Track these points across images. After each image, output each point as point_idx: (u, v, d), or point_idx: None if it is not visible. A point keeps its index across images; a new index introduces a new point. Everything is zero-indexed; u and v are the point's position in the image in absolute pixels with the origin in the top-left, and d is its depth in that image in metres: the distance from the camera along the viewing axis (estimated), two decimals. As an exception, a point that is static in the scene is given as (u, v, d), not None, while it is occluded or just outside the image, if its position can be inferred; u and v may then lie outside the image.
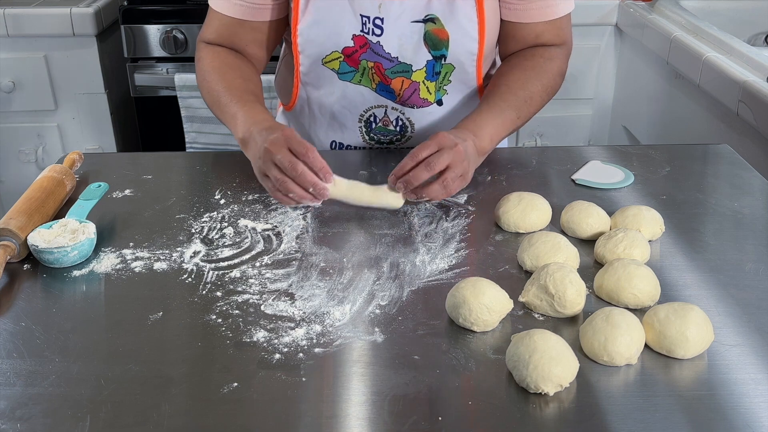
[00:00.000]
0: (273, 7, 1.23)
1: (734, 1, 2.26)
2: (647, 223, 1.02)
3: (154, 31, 2.28)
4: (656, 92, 2.17)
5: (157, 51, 2.31)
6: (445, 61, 1.21)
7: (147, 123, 2.43)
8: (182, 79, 2.21)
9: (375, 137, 1.33)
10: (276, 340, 0.83)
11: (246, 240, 1.03)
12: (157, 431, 0.71)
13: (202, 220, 1.08)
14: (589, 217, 1.03)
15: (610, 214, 1.06)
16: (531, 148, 1.37)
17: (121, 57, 2.35)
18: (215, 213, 1.10)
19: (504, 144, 1.42)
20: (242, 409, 0.73)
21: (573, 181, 1.20)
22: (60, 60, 2.30)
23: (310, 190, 1.00)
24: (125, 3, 2.31)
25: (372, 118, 1.30)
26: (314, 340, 0.83)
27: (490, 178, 1.20)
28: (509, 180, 1.20)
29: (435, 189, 1.02)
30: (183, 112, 2.25)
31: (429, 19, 1.18)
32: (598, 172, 1.22)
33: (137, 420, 0.72)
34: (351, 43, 1.20)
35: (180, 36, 2.28)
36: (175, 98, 2.25)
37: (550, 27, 1.25)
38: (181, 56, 2.31)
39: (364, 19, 1.18)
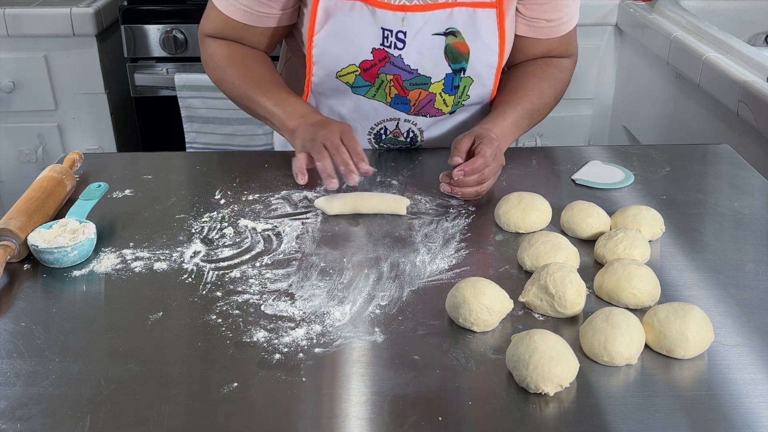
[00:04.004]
0: (281, 16, 1.21)
1: (734, 1, 2.26)
2: (647, 223, 1.02)
3: (154, 31, 2.28)
4: (656, 92, 2.17)
5: (157, 51, 2.31)
6: (464, 74, 1.20)
7: (147, 123, 2.43)
8: (182, 79, 2.21)
9: (384, 146, 1.33)
10: (276, 340, 0.83)
11: (246, 240, 1.03)
12: (157, 431, 0.71)
13: (202, 220, 1.08)
14: (589, 217, 1.03)
15: (610, 214, 1.06)
16: (531, 148, 1.37)
17: (121, 57, 2.35)
18: (215, 213, 1.10)
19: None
20: (242, 409, 0.73)
21: (573, 181, 1.20)
22: (60, 60, 2.30)
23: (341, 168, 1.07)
24: (125, 3, 2.31)
25: (383, 131, 1.29)
26: (314, 340, 0.83)
27: (490, 178, 1.20)
28: (509, 180, 1.20)
29: (469, 193, 1.10)
30: (183, 112, 2.25)
31: (450, 32, 1.17)
32: (598, 172, 1.22)
33: (137, 420, 0.72)
34: (370, 57, 1.18)
35: (180, 36, 2.28)
36: (175, 98, 2.25)
37: (560, 42, 1.28)
38: (181, 56, 2.31)
39: (386, 32, 1.16)
